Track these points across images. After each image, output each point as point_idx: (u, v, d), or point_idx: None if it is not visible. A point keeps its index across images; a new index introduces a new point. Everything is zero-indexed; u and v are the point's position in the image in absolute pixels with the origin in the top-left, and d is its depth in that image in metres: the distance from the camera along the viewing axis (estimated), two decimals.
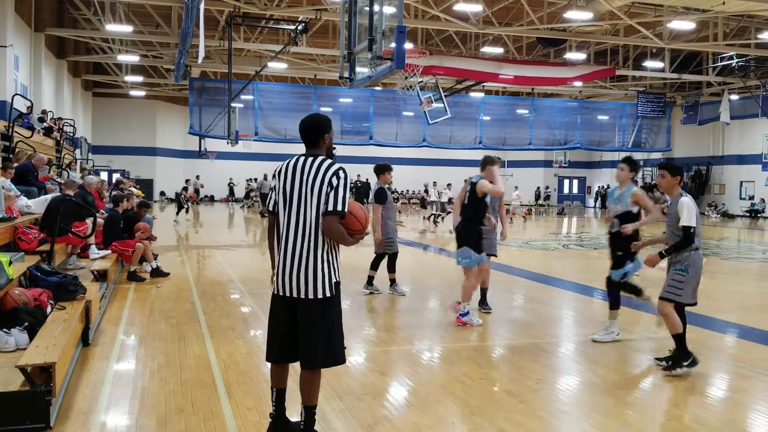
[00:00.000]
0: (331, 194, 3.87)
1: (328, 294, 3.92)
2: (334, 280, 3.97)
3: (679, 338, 5.81)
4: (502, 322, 8.15)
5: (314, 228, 3.90)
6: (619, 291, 6.92)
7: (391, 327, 7.63)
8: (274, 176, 4.10)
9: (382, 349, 6.62)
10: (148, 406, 4.78)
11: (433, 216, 26.03)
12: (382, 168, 9.30)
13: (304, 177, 3.93)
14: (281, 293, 3.97)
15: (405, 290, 9.63)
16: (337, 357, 4.01)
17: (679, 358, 5.80)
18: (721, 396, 5.50)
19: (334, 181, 3.89)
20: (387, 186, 9.42)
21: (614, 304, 6.94)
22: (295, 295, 3.92)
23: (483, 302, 8.37)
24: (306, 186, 3.91)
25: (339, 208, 3.87)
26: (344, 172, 3.94)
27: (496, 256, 8.51)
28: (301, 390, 4.01)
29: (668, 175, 5.97)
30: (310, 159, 3.98)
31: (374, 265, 9.51)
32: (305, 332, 3.93)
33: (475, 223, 7.43)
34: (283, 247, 3.97)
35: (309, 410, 4.01)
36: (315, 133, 4.06)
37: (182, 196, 27.13)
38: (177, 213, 25.84)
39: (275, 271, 4.02)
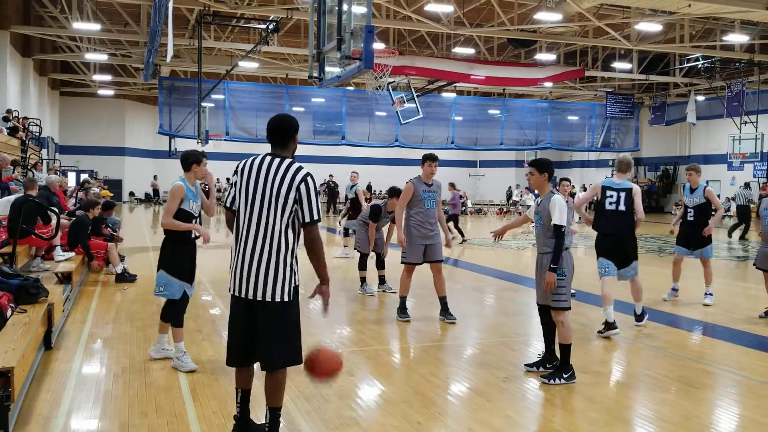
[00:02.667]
0: (305, 203, 3.82)
1: (286, 298, 3.86)
2: (293, 285, 3.91)
3: (567, 350, 5.55)
4: (471, 321, 8.18)
5: (277, 231, 3.83)
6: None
7: (360, 328, 7.61)
8: (235, 172, 4.02)
9: (350, 350, 6.60)
10: (110, 410, 4.70)
11: None
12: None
13: (269, 178, 3.85)
14: (238, 294, 3.91)
15: (374, 290, 9.65)
16: (295, 356, 3.96)
17: (560, 370, 5.56)
18: (684, 392, 5.57)
19: (303, 188, 3.82)
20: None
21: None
22: (251, 296, 3.85)
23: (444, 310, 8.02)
24: (272, 188, 3.83)
25: (315, 216, 3.85)
26: (312, 177, 3.89)
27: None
28: (266, 391, 3.98)
29: (536, 172, 5.70)
30: (277, 160, 3.91)
31: (380, 265, 9.84)
32: (263, 334, 3.87)
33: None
34: (242, 247, 3.90)
35: (274, 411, 3.98)
36: (285, 134, 3.99)
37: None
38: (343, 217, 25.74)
39: (232, 270, 3.96)
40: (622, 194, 7.30)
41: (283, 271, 3.85)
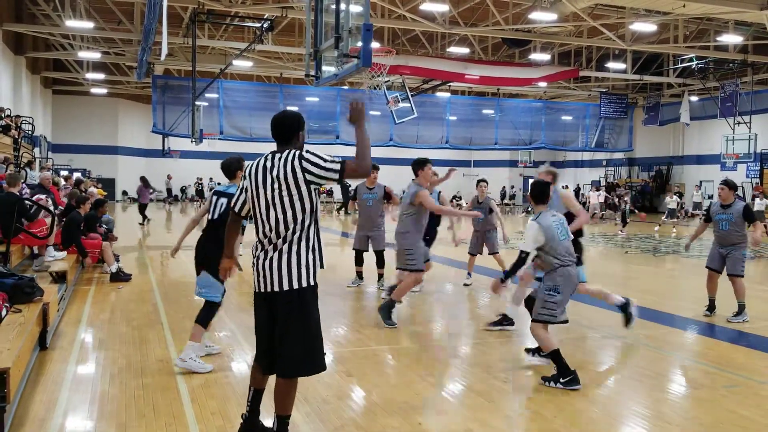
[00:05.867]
0: (319, 167, 3.73)
1: (304, 284, 3.77)
2: (311, 271, 3.82)
3: (556, 355, 5.43)
4: (468, 321, 8.15)
5: (291, 222, 3.76)
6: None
7: (359, 327, 7.57)
8: (245, 176, 3.97)
9: (349, 350, 6.56)
10: (107, 412, 4.65)
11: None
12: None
13: (275, 172, 3.78)
14: (260, 290, 3.87)
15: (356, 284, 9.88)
16: (318, 363, 3.86)
17: (558, 375, 5.40)
18: (683, 392, 5.57)
19: (306, 161, 3.74)
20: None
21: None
22: (269, 289, 3.78)
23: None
24: (278, 180, 3.76)
25: (337, 163, 3.78)
26: (309, 151, 3.81)
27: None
28: (276, 398, 3.89)
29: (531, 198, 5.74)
30: (279, 154, 3.85)
31: (380, 263, 9.75)
32: (283, 334, 3.77)
33: None
34: (261, 246, 3.86)
35: (282, 420, 3.90)
36: (287, 131, 3.94)
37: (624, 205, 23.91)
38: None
39: (254, 270, 3.89)
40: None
41: (297, 260, 3.77)
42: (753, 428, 4.67)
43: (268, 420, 4.14)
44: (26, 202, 9.77)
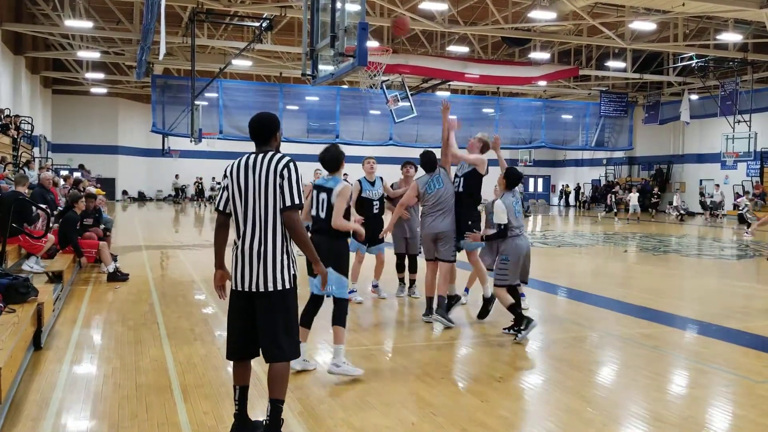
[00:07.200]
0: (286, 187, 3.89)
1: (287, 286, 3.96)
2: (292, 272, 4.01)
3: (513, 307, 6.75)
4: (464, 320, 8.13)
5: (271, 222, 3.93)
6: None
7: (354, 327, 7.55)
8: (225, 175, 4.10)
9: (345, 350, 6.52)
10: (100, 412, 4.63)
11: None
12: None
13: (257, 172, 3.95)
14: (239, 288, 3.99)
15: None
16: (297, 349, 4.10)
17: (516, 325, 6.75)
18: (680, 392, 5.54)
19: (285, 173, 3.91)
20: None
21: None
22: (254, 289, 3.93)
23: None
24: (260, 180, 3.93)
25: (296, 201, 3.90)
26: (294, 164, 3.98)
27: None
28: (270, 383, 4.00)
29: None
30: (261, 155, 4.01)
31: (412, 267, 9.10)
32: (268, 327, 3.94)
33: None
34: (240, 243, 4.00)
35: (276, 404, 3.99)
36: (266, 131, 4.10)
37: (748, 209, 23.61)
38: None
39: (233, 267, 4.03)
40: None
41: (281, 259, 3.95)
42: (750, 428, 4.64)
43: (258, 417, 4.19)
44: (32, 206, 9.75)
